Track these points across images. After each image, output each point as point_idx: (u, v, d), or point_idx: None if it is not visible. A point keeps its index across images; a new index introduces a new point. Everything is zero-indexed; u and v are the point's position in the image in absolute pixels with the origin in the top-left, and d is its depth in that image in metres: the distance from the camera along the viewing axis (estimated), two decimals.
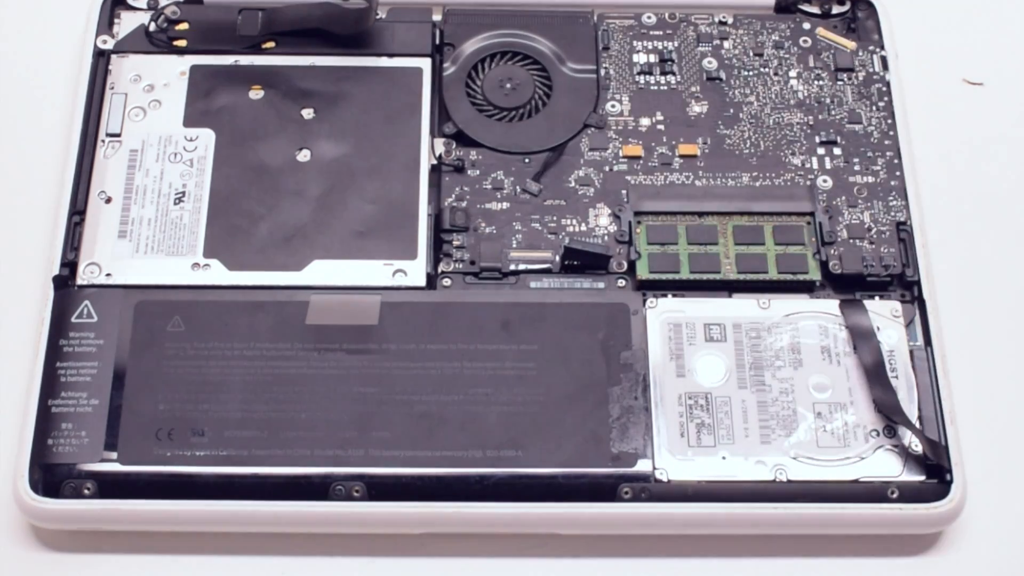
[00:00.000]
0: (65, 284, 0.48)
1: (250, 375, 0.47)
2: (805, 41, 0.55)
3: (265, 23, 0.53)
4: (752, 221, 0.50)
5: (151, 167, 0.51)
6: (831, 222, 0.51)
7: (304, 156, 0.51)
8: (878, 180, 0.52)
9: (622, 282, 0.49)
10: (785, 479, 0.46)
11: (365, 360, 0.47)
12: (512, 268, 0.50)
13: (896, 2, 0.57)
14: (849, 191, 0.52)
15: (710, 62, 0.55)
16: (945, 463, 0.46)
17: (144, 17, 0.54)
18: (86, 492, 0.45)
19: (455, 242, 0.50)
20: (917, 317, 0.49)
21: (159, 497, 0.45)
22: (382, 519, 0.45)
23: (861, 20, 0.56)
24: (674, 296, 0.49)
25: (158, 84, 0.53)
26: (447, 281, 0.49)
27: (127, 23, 0.54)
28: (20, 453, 0.45)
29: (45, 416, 0.46)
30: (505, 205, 0.51)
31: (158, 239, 0.49)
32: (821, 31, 0.55)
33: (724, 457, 0.46)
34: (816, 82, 0.54)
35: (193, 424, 0.46)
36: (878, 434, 0.46)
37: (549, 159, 0.52)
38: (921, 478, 0.46)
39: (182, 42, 0.54)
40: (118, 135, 0.51)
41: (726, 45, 0.55)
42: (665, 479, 0.46)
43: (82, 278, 0.48)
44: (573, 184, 0.52)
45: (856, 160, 0.52)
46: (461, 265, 0.50)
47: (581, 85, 0.54)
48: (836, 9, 0.56)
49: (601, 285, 0.49)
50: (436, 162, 0.52)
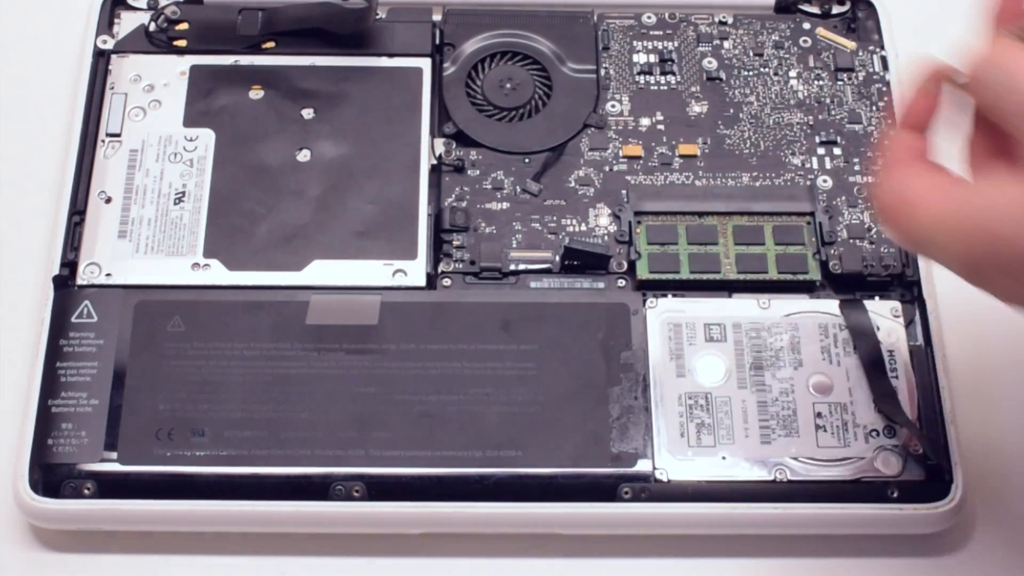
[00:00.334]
0: (65, 284, 0.48)
1: (250, 375, 0.47)
2: (805, 41, 0.55)
3: (265, 23, 0.53)
4: (752, 221, 0.50)
5: (151, 167, 0.51)
6: (831, 222, 0.50)
7: (304, 156, 0.51)
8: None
9: (622, 282, 0.49)
10: (785, 479, 0.46)
11: (365, 360, 0.47)
12: (512, 268, 0.50)
13: (896, 2, 0.56)
14: (849, 191, 0.52)
15: (710, 62, 0.55)
16: (945, 463, 0.46)
17: (144, 17, 0.54)
18: (86, 492, 0.45)
19: (455, 242, 0.50)
20: (917, 317, 0.49)
21: (159, 497, 0.45)
22: (382, 519, 0.45)
23: (861, 20, 0.56)
24: (674, 296, 0.49)
25: (158, 84, 0.53)
26: (447, 281, 0.49)
27: (127, 23, 0.54)
28: (20, 453, 0.45)
29: (45, 416, 0.46)
30: (505, 205, 0.51)
31: (158, 239, 0.49)
32: (821, 31, 0.55)
33: (724, 457, 0.46)
34: (816, 82, 0.54)
35: (193, 424, 0.46)
36: (878, 434, 0.46)
37: (549, 159, 0.52)
38: (921, 478, 0.46)
39: (182, 42, 0.54)
40: (118, 135, 0.51)
41: (726, 45, 0.55)
42: (665, 479, 0.46)
43: (82, 278, 0.48)
44: (573, 184, 0.52)
45: (856, 160, 0.52)
46: (461, 265, 0.50)
47: (581, 85, 0.54)
48: (836, 9, 0.56)
49: (601, 285, 0.49)
50: (436, 162, 0.52)
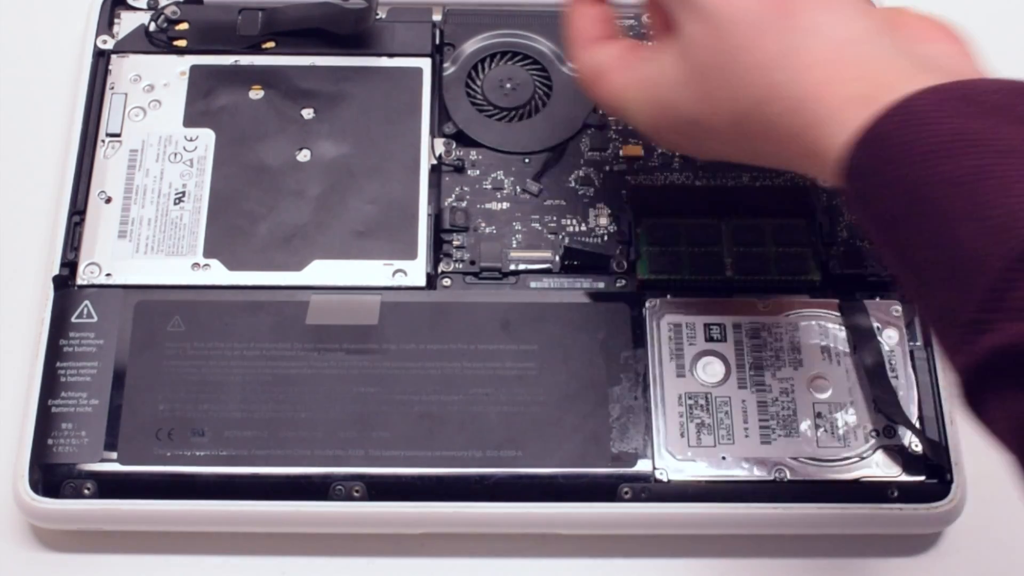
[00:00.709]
0: (65, 284, 0.48)
1: (250, 375, 0.47)
2: None
3: (265, 23, 0.53)
4: (752, 221, 0.50)
5: (151, 167, 0.51)
6: (831, 223, 0.50)
7: (304, 156, 0.51)
8: None
9: (622, 282, 0.49)
10: (785, 479, 0.46)
11: (365, 360, 0.47)
12: (512, 268, 0.50)
13: (896, 2, 0.56)
14: None
15: None
16: (945, 463, 0.46)
17: (144, 17, 0.54)
18: (86, 492, 0.45)
19: (455, 242, 0.50)
20: (917, 317, 0.49)
21: (159, 497, 0.45)
22: (382, 519, 0.45)
23: None
24: (674, 296, 0.49)
25: (158, 84, 0.53)
26: (447, 281, 0.49)
27: (127, 23, 0.54)
28: (20, 453, 0.45)
29: (45, 416, 0.46)
30: (505, 205, 0.51)
31: (158, 239, 0.49)
32: None
33: (724, 457, 0.46)
34: None
35: (193, 424, 0.46)
36: (878, 434, 0.46)
37: (549, 159, 0.52)
38: (921, 478, 0.46)
39: (182, 42, 0.54)
40: (118, 135, 0.51)
41: None
42: (665, 479, 0.46)
43: (82, 278, 0.48)
44: (573, 184, 0.52)
45: None
46: (461, 265, 0.50)
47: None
48: None
49: (601, 285, 0.49)
50: (436, 162, 0.52)
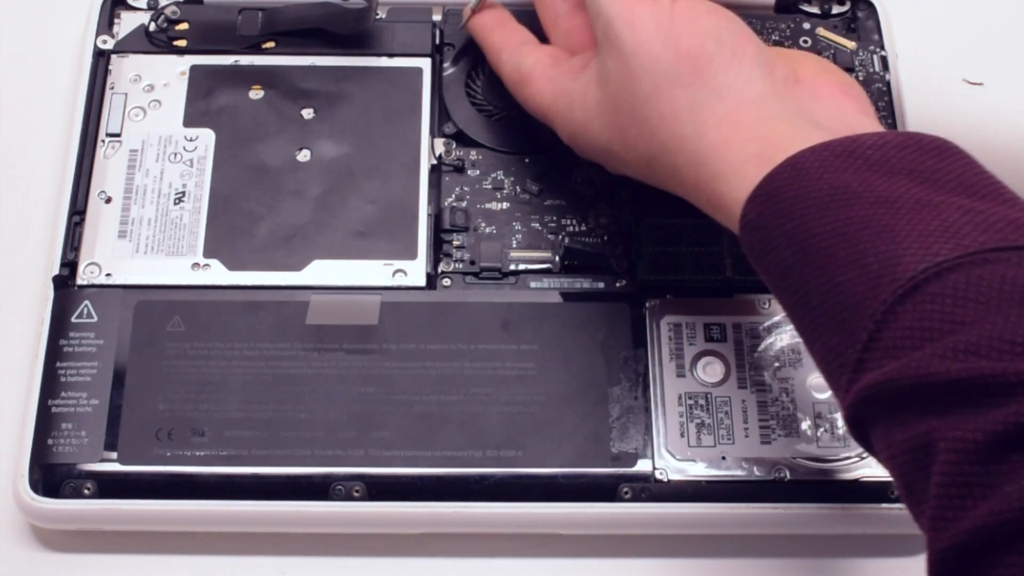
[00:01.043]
0: (65, 284, 0.48)
1: (250, 375, 0.47)
2: (805, 41, 0.55)
3: (265, 23, 0.53)
4: None
5: (151, 167, 0.51)
6: None
7: (304, 156, 0.51)
8: None
9: (622, 282, 0.49)
10: (785, 479, 0.46)
11: (365, 360, 0.47)
12: (512, 268, 0.50)
13: (896, 2, 0.57)
14: None
15: None
16: None
17: (144, 17, 0.54)
18: (86, 492, 0.45)
19: (455, 242, 0.50)
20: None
21: (159, 497, 0.45)
22: (382, 519, 0.45)
23: (861, 20, 0.56)
24: (674, 296, 0.49)
25: (158, 84, 0.53)
26: (447, 281, 0.49)
27: (127, 23, 0.54)
28: (20, 453, 0.45)
29: (45, 416, 0.46)
30: (505, 205, 0.51)
31: (158, 239, 0.49)
32: (821, 31, 0.55)
33: (724, 457, 0.46)
34: None
35: (193, 424, 0.46)
36: None
37: (550, 159, 0.52)
38: None
39: (182, 42, 0.54)
40: (118, 135, 0.51)
41: None
42: (665, 479, 0.46)
43: (82, 278, 0.48)
44: (573, 184, 0.51)
45: None
46: (461, 265, 0.50)
47: None
48: (836, 9, 0.56)
49: (601, 285, 0.49)
50: (436, 162, 0.52)
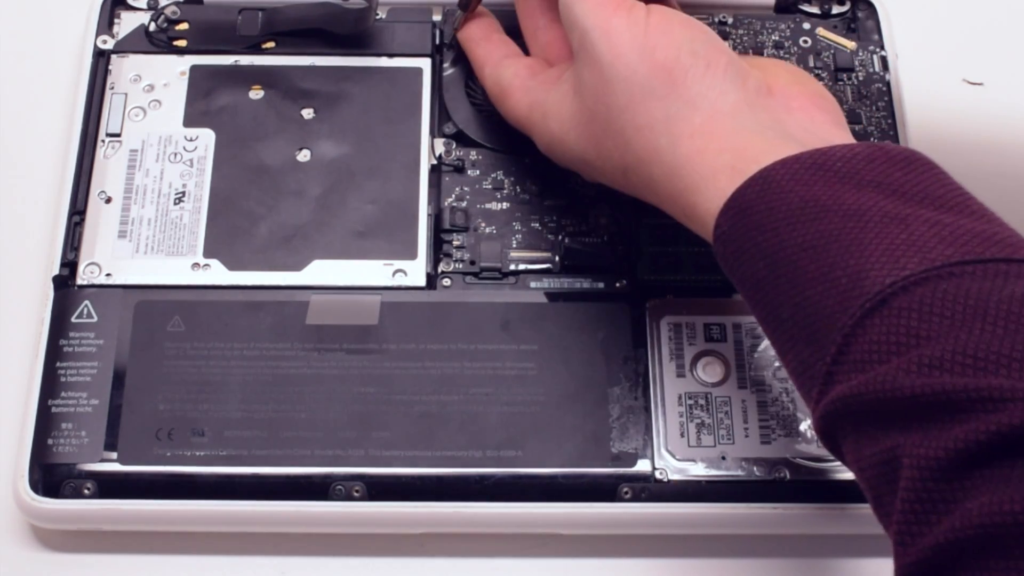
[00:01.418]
0: (65, 284, 0.48)
1: (250, 375, 0.47)
2: (805, 41, 0.55)
3: (265, 23, 0.53)
4: None
5: (151, 167, 0.51)
6: None
7: (304, 156, 0.51)
8: None
9: (622, 282, 0.49)
10: (785, 479, 0.46)
11: (365, 360, 0.47)
12: (512, 268, 0.50)
13: (896, 2, 0.57)
14: None
15: None
16: None
17: (144, 17, 0.54)
18: (86, 492, 0.45)
19: (455, 242, 0.50)
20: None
21: (159, 497, 0.45)
22: (382, 519, 0.45)
23: (861, 20, 0.56)
24: (674, 296, 0.49)
25: (158, 84, 0.53)
26: (447, 281, 0.49)
27: (127, 23, 0.54)
28: (20, 453, 0.45)
29: (45, 416, 0.46)
30: (505, 205, 0.51)
31: (158, 239, 0.49)
32: (821, 31, 0.55)
33: (724, 457, 0.46)
34: None
35: (193, 424, 0.46)
36: None
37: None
38: None
39: (182, 42, 0.54)
40: (118, 135, 0.51)
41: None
42: (665, 479, 0.46)
43: (82, 278, 0.48)
44: (573, 184, 0.51)
45: None
46: (461, 265, 0.50)
47: None
48: (836, 9, 0.56)
49: (601, 285, 0.49)
50: (436, 162, 0.52)
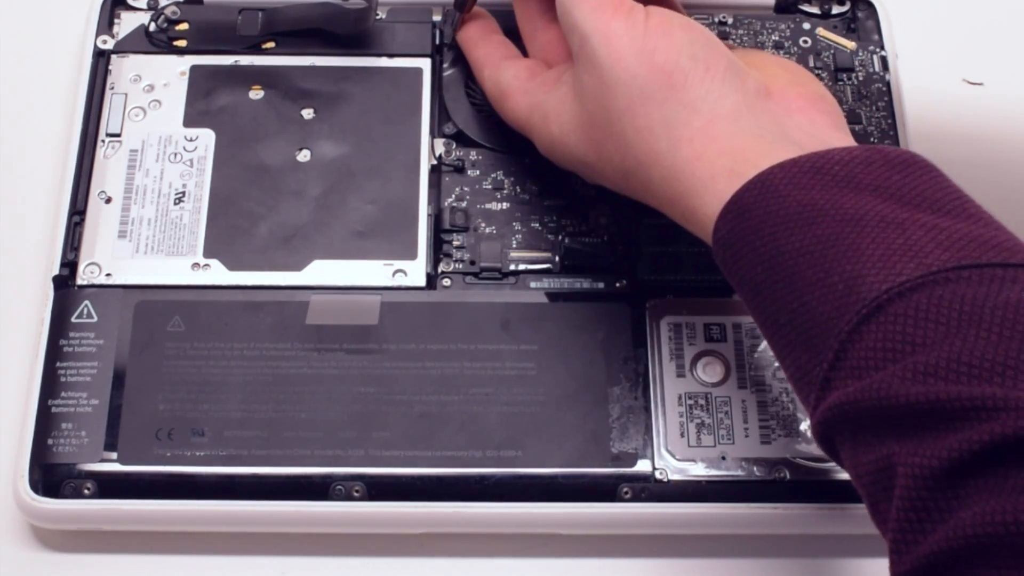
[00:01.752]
0: (65, 284, 0.48)
1: (250, 375, 0.47)
2: (805, 41, 0.55)
3: (265, 23, 0.53)
4: None
5: (151, 167, 0.51)
6: None
7: (304, 156, 0.51)
8: None
9: (622, 282, 0.49)
10: (785, 479, 0.46)
11: (365, 360, 0.47)
12: (512, 268, 0.50)
13: (896, 2, 0.57)
14: None
15: None
16: None
17: (144, 17, 0.54)
18: (86, 492, 0.45)
19: (455, 242, 0.50)
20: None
21: (159, 497, 0.45)
22: (382, 519, 0.45)
23: (861, 20, 0.56)
24: (674, 296, 0.49)
25: (158, 84, 0.53)
26: (447, 281, 0.49)
27: (127, 23, 0.54)
28: (20, 453, 0.45)
29: (45, 416, 0.46)
30: (505, 205, 0.51)
31: (158, 239, 0.49)
32: (821, 31, 0.55)
33: (724, 457, 0.46)
34: None
35: (193, 424, 0.46)
36: None
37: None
38: None
39: (182, 42, 0.54)
40: (118, 135, 0.51)
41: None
42: (665, 479, 0.46)
43: (82, 278, 0.48)
44: (573, 184, 0.51)
45: None
46: (461, 265, 0.50)
47: None
48: (836, 9, 0.56)
49: (601, 285, 0.49)
50: (436, 162, 0.52)
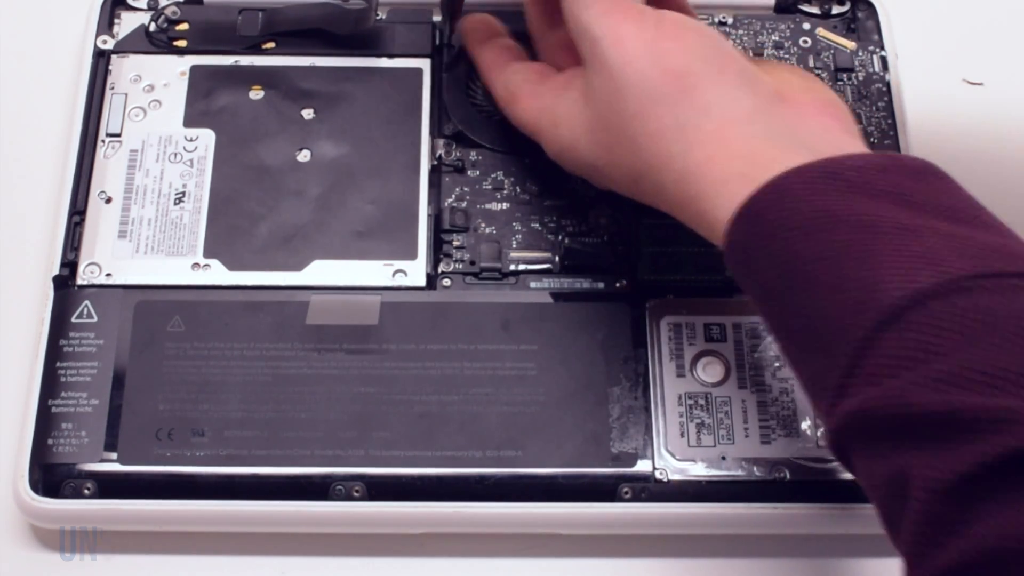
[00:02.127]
0: (65, 284, 0.48)
1: (250, 375, 0.47)
2: (805, 41, 0.55)
3: (265, 23, 0.53)
4: None
5: (151, 167, 0.51)
6: None
7: (304, 156, 0.51)
8: None
9: (622, 282, 0.49)
10: (785, 479, 0.46)
11: (365, 360, 0.47)
12: (512, 268, 0.50)
13: (896, 2, 0.57)
14: None
15: None
16: None
17: (144, 17, 0.54)
18: (86, 492, 0.45)
19: (455, 242, 0.50)
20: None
21: (159, 497, 0.45)
22: (382, 519, 0.45)
23: (861, 20, 0.56)
24: (674, 296, 0.49)
25: (158, 84, 0.53)
26: (447, 281, 0.49)
27: (127, 23, 0.54)
28: (20, 453, 0.45)
29: (45, 416, 0.46)
30: (505, 205, 0.51)
31: (158, 239, 0.49)
32: (821, 31, 0.55)
33: (724, 457, 0.46)
34: None
35: (193, 424, 0.46)
36: None
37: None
38: None
39: (182, 42, 0.54)
40: (118, 135, 0.51)
41: None
42: (665, 479, 0.46)
43: (82, 278, 0.48)
44: (573, 184, 0.51)
45: None
46: (461, 265, 0.50)
47: None
48: (836, 9, 0.56)
49: (601, 285, 0.49)
50: (436, 162, 0.52)
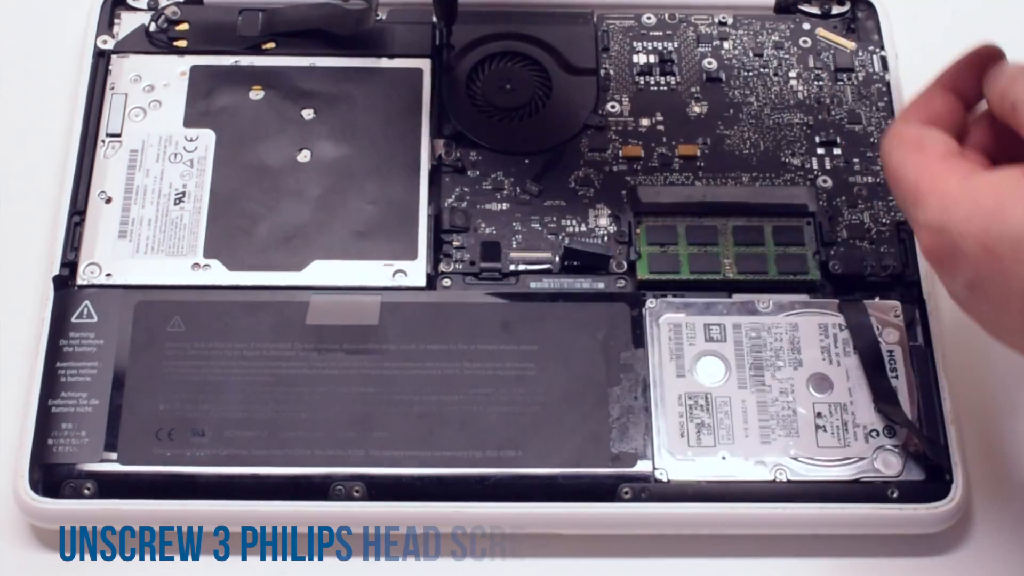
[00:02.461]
0: (65, 284, 0.48)
1: (250, 375, 0.47)
2: (805, 41, 0.55)
3: (265, 24, 0.53)
4: (752, 221, 0.50)
5: (151, 167, 0.51)
6: (831, 222, 0.50)
7: (304, 156, 0.51)
8: (878, 180, 0.52)
9: (622, 282, 0.49)
10: (785, 479, 0.46)
11: (365, 360, 0.47)
12: (512, 268, 0.50)
13: (896, 2, 0.57)
14: (849, 191, 0.52)
15: (710, 62, 0.55)
16: (945, 463, 0.46)
17: (144, 17, 0.54)
18: (86, 492, 0.45)
19: (455, 242, 0.50)
20: (917, 317, 0.49)
21: (159, 497, 0.45)
22: (382, 519, 0.45)
23: (861, 20, 0.56)
24: (674, 296, 0.49)
25: (158, 84, 0.53)
26: (447, 281, 0.49)
27: (127, 23, 0.54)
28: (20, 453, 0.45)
29: (45, 416, 0.46)
30: (505, 206, 0.51)
31: (158, 239, 0.49)
32: (821, 31, 0.56)
33: (724, 457, 0.46)
34: (816, 82, 0.54)
35: (193, 424, 0.46)
36: (878, 434, 0.46)
37: (549, 160, 0.52)
38: (921, 478, 0.46)
39: (182, 42, 0.54)
40: (118, 135, 0.51)
41: (726, 45, 0.55)
42: (665, 479, 0.46)
43: (82, 278, 0.48)
44: (573, 184, 0.52)
45: (856, 160, 0.52)
46: (461, 265, 0.50)
47: (581, 86, 0.54)
48: (836, 9, 0.56)
49: (601, 285, 0.49)
50: (436, 163, 0.52)
